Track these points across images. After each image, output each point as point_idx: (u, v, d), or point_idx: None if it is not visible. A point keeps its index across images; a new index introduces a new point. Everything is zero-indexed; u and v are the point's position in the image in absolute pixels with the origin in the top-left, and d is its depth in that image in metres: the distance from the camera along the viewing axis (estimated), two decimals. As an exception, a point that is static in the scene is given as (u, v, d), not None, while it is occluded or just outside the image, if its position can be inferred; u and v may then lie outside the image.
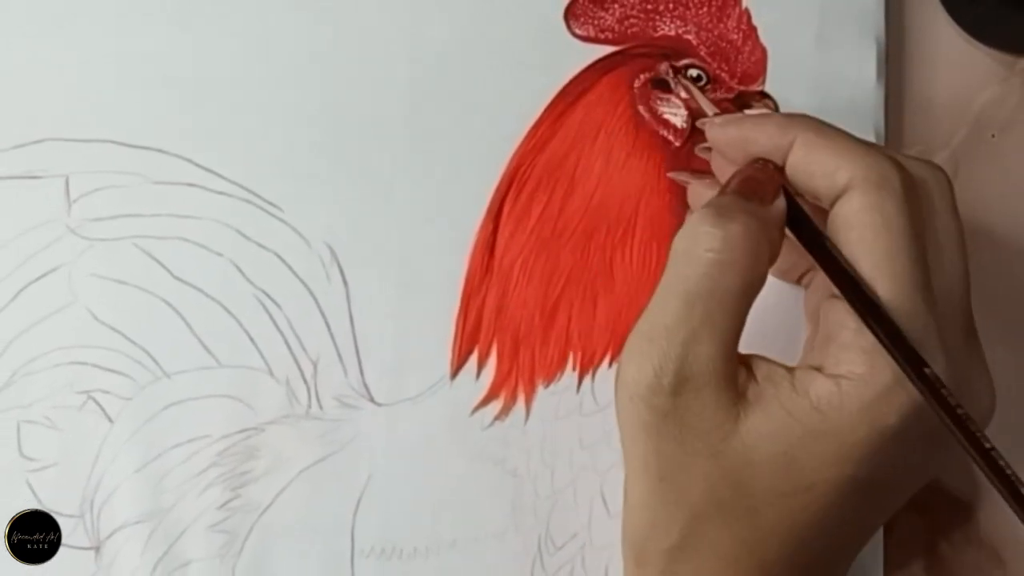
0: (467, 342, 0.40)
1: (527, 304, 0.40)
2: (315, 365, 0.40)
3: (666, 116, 0.41)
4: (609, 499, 0.39)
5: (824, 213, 0.33)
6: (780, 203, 0.33)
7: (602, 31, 0.42)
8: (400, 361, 0.40)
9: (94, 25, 0.41)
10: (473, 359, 0.40)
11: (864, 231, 0.31)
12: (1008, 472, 0.28)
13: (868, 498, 0.32)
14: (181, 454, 0.39)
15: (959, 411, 0.29)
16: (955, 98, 0.44)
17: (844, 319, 0.31)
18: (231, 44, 0.41)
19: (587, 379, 0.39)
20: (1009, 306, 0.42)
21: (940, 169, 0.34)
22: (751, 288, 0.32)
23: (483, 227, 0.41)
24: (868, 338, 0.30)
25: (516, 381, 0.40)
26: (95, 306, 0.40)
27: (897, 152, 0.34)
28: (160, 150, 0.40)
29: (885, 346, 0.29)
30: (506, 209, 0.41)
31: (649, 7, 0.42)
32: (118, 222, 0.40)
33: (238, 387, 0.39)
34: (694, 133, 0.41)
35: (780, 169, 0.33)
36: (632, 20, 0.42)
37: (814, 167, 0.32)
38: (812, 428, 0.30)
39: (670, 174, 0.40)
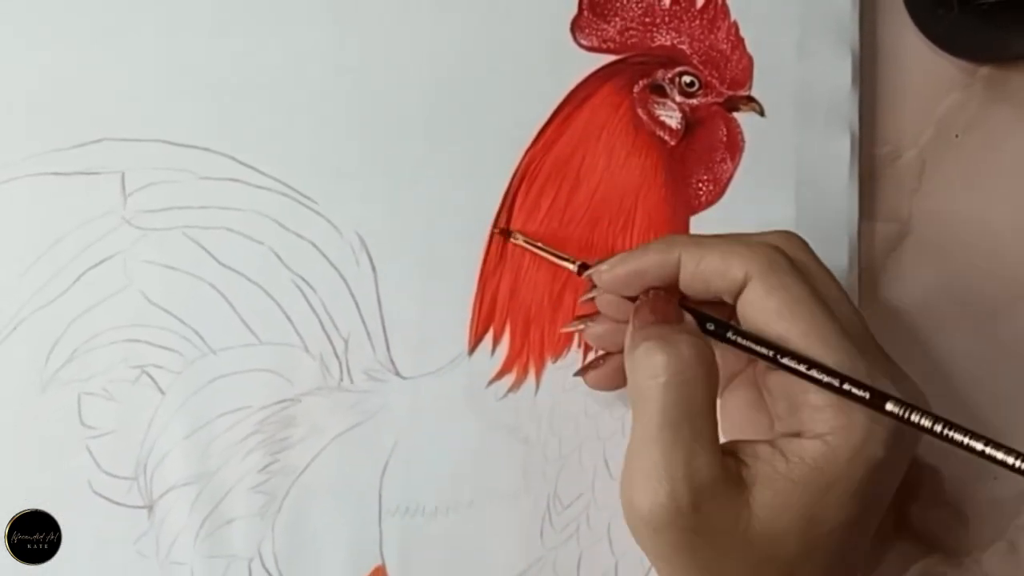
0: (483, 322, 0.41)
1: (537, 288, 0.41)
2: (346, 342, 0.41)
3: (662, 118, 0.42)
4: (611, 463, 0.40)
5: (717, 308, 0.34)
6: (689, 319, 0.34)
7: (604, 41, 0.43)
8: (423, 339, 0.41)
9: (148, 37, 0.42)
10: (488, 337, 0.41)
11: (782, 309, 0.32)
12: (990, 442, 0.30)
13: (874, 513, 0.34)
14: (226, 422, 0.40)
15: (927, 415, 0.30)
16: (922, 102, 0.45)
17: (803, 385, 0.32)
18: (270, 54, 0.42)
19: (591, 355, 0.40)
20: (972, 293, 0.44)
21: (790, 233, 0.35)
22: (715, 391, 0.33)
23: (498, 218, 0.42)
24: (831, 397, 0.31)
25: (527, 357, 0.41)
26: (148, 289, 0.40)
27: (759, 233, 0.35)
28: (206, 149, 0.41)
29: (850, 396, 0.31)
30: (518, 202, 0.42)
31: (647, 20, 0.43)
32: (169, 214, 0.41)
33: (277, 362, 0.40)
34: (688, 133, 0.43)
35: (670, 291, 0.35)
36: (632, 31, 0.43)
37: (707, 273, 0.33)
38: (817, 486, 0.31)
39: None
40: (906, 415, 0.31)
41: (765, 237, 0.35)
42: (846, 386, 0.31)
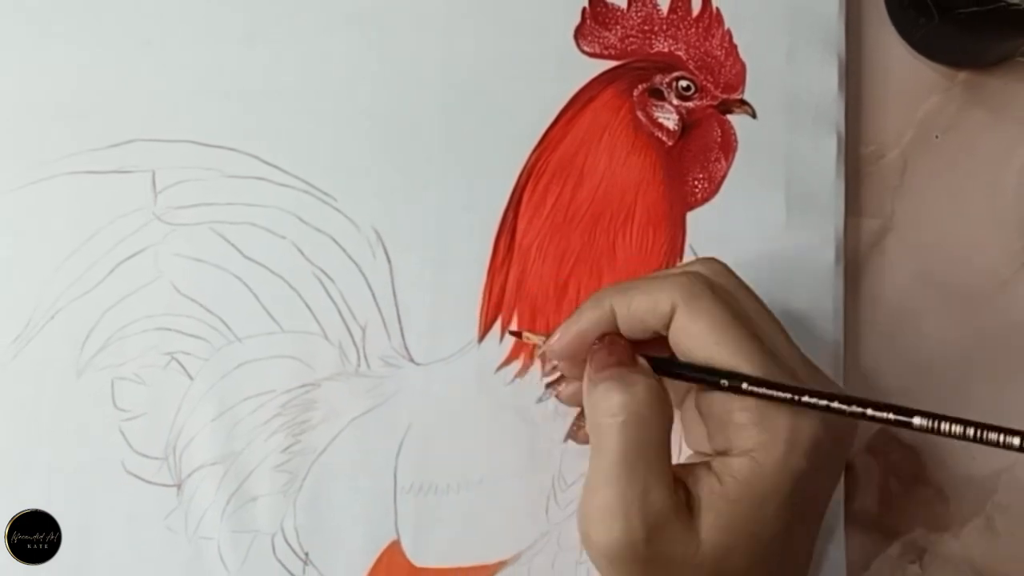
0: (492, 311, 0.42)
1: (543, 279, 0.42)
2: (364, 330, 0.41)
3: (660, 120, 0.43)
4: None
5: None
6: (642, 360, 0.34)
7: (606, 48, 0.43)
8: (436, 327, 0.41)
9: (180, 44, 0.43)
10: (497, 326, 0.42)
11: (707, 332, 0.33)
12: (894, 409, 0.30)
13: (811, 518, 0.35)
14: (250, 406, 0.41)
15: (844, 399, 0.31)
16: (904, 105, 0.45)
17: (728, 406, 0.33)
18: (293, 60, 0.43)
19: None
20: (951, 284, 0.44)
21: (713, 259, 0.36)
22: (669, 427, 0.33)
23: (506, 214, 0.42)
24: (753, 415, 0.32)
25: (533, 344, 0.41)
26: (177, 281, 0.41)
27: (683, 264, 0.36)
28: (232, 149, 0.42)
29: (778, 400, 0.32)
30: (525, 199, 0.42)
31: (646, 28, 0.43)
32: (197, 210, 0.41)
33: (298, 349, 0.41)
34: (684, 134, 0.43)
35: (618, 334, 0.35)
36: (631, 39, 0.43)
37: (640, 313, 0.34)
38: (752, 502, 0.32)
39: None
40: (827, 405, 0.31)
41: (687, 267, 0.36)
42: (774, 392, 0.32)
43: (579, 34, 0.43)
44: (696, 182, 0.43)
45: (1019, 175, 0.45)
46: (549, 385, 0.40)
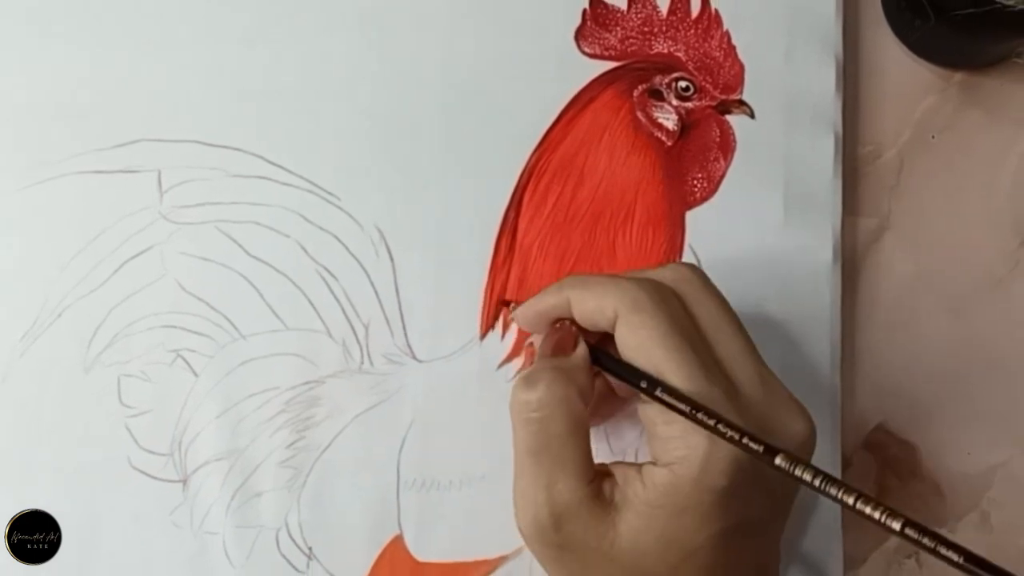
0: (494, 309, 0.42)
1: (544, 278, 0.42)
2: (367, 328, 0.41)
3: (660, 120, 0.43)
4: (611, 438, 0.41)
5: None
6: (582, 349, 0.35)
7: (606, 49, 0.43)
8: (438, 325, 0.42)
9: (184, 46, 0.43)
10: (499, 323, 0.42)
11: (641, 345, 0.33)
12: (821, 475, 0.30)
13: (747, 535, 0.34)
14: (255, 402, 0.41)
15: (767, 445, 0.30)
16: (901, 105, 0.45)
17: (655, 417, 0.33)
18: (297, 62, 0.43)
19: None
20: (946, 282, 0.44)
21: (686, 265, 0.36)
22: (578, 424, 0.34)
23: (507, 213, 0.42)
24: (676, 428, 0.32)
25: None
26: (183, 279, 0.41)
27: (648, 269, 0.36)
28: (237, 149, 0.42)
29: (696, 421, 0.31)
30: (526, 198, 0.42)
31: (646, 29, 0.44)
32: (202, 209, 0.42)
33: (302, 346, 0.41)
34: (684, 134, 0.43)
35: (574, 323, 0.35)
36: (631, 40, 0.44)
37: (588, 311, 0.35)
38: (671, 510, 0.32)
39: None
40: (714, 424, 0.31)
41: (653, 273, 0.35)
42: (674, 402, 0.32)
43: (580, 35, 0.44)
44: (695, 181, 0.43)
45: (1014, 175, 0.45)
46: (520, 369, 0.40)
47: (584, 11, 0.44)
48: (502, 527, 0.39)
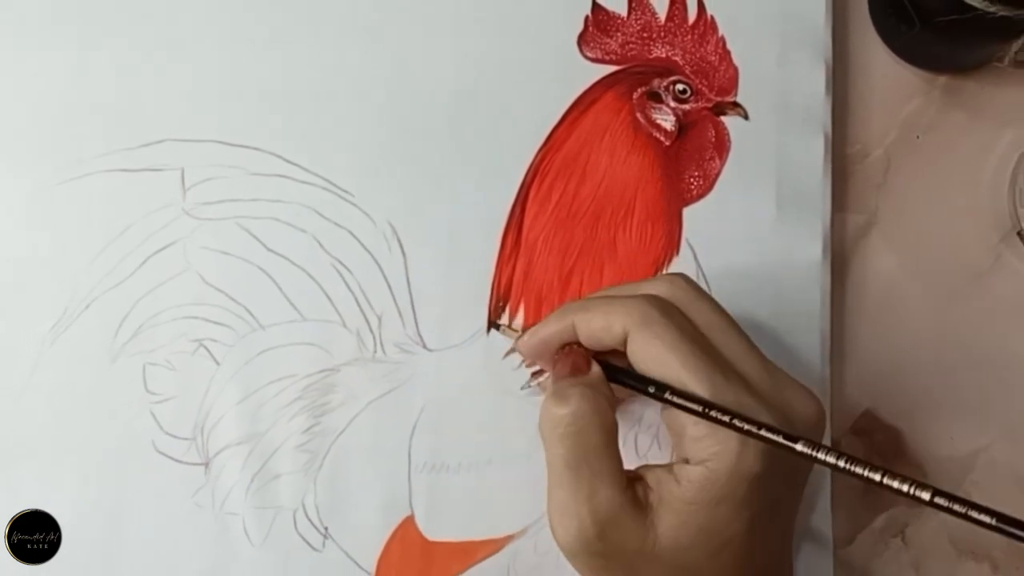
0: (500, 301, 0.42)
1: (548, 271, 0.43)
2: (380, 319, 0.42)
3: (658, 121, 0.44)
4: None
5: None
6: (596, 366, 0.36)
7: (607, 54, 0.44)
8: (447, 315, 0.42)
9: (207, 49, 0.44)
10: (505, 314, 0.42)
11: (657, 357, 0.34)
12: (843, 457, 0.31)
13: (773, 517, 0.35)
14: (273, 389, 0.41)
15: (785, 434, 0.32)
16: (887, 107, 0.46)
17: (683, 421, 0.34)
18: (315, 65, 0.44)
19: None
20: (931, 276, 0.45)
21: (677, 275, 0.37)
22: (610, 434, 0.34)
23: (513, 210, 0.43)
24: (704, 427, 0.33)
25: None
26: (205, 272, 0.42)
27: (640, 282, 0.37)
28: (256, 148, 0.43)
29: (720, 423, 0.33)
30: (531, 195, 0.43)
31: (645, 35, 0.44)
32: (223, 206, 0.42)
33: (318, 336, 0.42)
34: (681, 135, 0.43)
35: (581, 345, 0.36)
36: (631, 45, 0.44)
37: (596, 332, 0.35)
38: (707, 503, 0.33)
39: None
40: (756, 431, 0.32)
41: (648, 286, 0.36)
42: (713, 413, 0.33)
43: (582, 40, 0.44)
44: (692, 180, 0.44)
45: (995, 173, 0.46)
46: (533, 375, 0.41)
47: (586, 17, 0.44)
48: (509, 507, 0.41)
